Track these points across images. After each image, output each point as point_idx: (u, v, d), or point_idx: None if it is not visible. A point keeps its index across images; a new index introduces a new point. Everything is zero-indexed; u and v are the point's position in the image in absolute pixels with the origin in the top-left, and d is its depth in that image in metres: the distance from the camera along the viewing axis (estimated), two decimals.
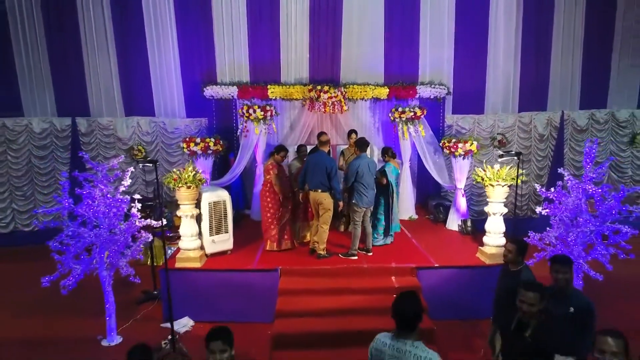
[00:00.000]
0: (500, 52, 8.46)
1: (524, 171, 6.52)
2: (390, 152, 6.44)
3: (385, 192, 6.15)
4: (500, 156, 5.32)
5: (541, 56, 8.57)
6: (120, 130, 8.28)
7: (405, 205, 7.78)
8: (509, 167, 5.62)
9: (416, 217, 7.83)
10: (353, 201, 5.69)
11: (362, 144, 5.69)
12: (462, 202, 7.02)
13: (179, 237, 5.76)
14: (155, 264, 6.37)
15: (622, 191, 4.71)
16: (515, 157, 5.10)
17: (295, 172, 6.32)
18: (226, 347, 2.48)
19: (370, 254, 5.88)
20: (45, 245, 4.65)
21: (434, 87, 8.20)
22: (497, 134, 8.62)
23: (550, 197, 4.99)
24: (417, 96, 8.14)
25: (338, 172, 5.86)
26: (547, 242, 4.98)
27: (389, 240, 6.29)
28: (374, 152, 7.80)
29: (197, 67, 8.29)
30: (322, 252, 5.74)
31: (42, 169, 8.33)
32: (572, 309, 3.13)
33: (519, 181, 5.35)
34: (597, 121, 8.83)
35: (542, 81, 8.66)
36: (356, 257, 5.73)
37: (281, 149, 6.04)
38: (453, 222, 7.08)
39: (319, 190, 5.60)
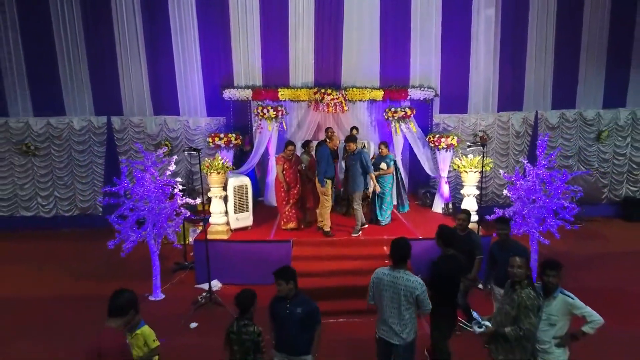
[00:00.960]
0: (482, 59, 9.64)
1: (492, 160, 7.69)
2: (385, 145, 7.61)
3: (390, 179, 7.34)
4: (469, 146, 6.54)
5: (517, 63, 9.76)
6: (149, 128, 9.49)
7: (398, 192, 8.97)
8: (480, 157, 6.83)
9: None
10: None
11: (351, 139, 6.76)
12: (445, 189, 8.22)
13: (201, 220, 6.94)
14: (185, 242, 7.61)
15: (564, 175, 5.91)
16: (481, 147, 6.31)
17: (307, 165, 7.40)
18: (290, 282, 3.43)
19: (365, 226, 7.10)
20: (83, 228, 5.81)
21: (423, 90, 9.39)
22: (479, 130, 9.82)
23: (511, 180, 6.21)
24: (409, 98, 9.33)
25: (325, 161, 6.74)
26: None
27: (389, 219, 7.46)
28: (371, 147, 9.01)
29: (216, 72, 9.46)
30: (327, 230, 6.91)
31: (80, 162, 9.54)
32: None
33: (487, 168, 6.57)
34: (567, 120, 10.04)
35: (518, 84, 9.85)
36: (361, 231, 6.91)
37: (289, 143, 7.08)
38: (437, 206, 8.29)
39: (316, 178, 6.79)
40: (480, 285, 5.51)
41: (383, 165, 7.25)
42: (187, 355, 4.83)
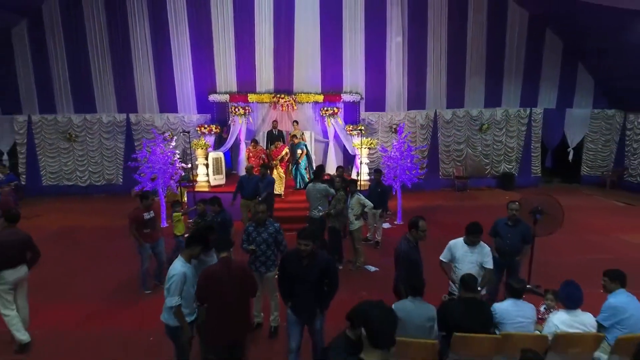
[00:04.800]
0: (394, 72, 13.37)
1: (376, 140, 11.57)
2: (295, 136, 11.24)
3: (305, 159, 11.07)
4: (360, 132, 10.36)
5: (420, 74, 13.52)
6: (156, 121, 13.27)
7: (333, 166, 12.73)
8: (370, 139, 10.62)
9: None
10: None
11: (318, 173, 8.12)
12: (358, 163, 11.96)
13: (193, 187, 10.69)
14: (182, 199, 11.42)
15: (410, 148, 9.71)
16: (362, 131, 10.15)
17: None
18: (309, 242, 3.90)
19: None
20: (108, 193, 9.63)
21: (352, 95, 13.15)
22: (393, 124, 13.59)
23: (386, 152, 10.03)
24: (342, 100, 13.08)
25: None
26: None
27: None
28: (312, 135, 12.77)
29: (204, 81, 13.20)
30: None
31: (107, 146, 13.35)
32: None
33: (373, 145, 10.40)
34: (458, 116, 13.84)
35: (421, 90, 13.63)
36: None
37: (253, 141, 10.85)
38: (353, 174, 12.08)
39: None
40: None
41: (299, 151, 10.91)
42: None
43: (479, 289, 4.20)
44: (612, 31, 11.34)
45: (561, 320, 3.89)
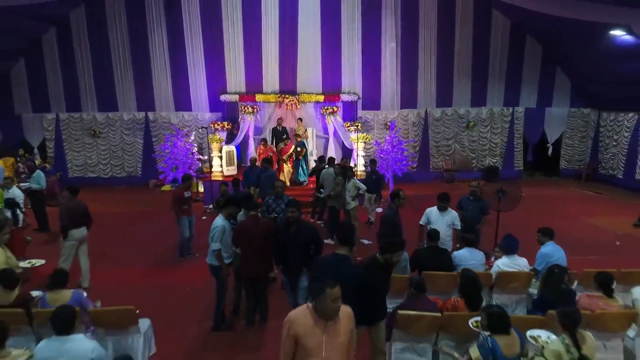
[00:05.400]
0: (388, 74, 14.71)
1: (372, 135, 12.92)
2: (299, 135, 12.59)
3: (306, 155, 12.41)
4: (356, 129, 11.70)
5: (412, 76, 14.85)
6: (172, 120, 14.60)
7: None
8: (365, 134, 11.97)
9: None
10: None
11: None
12: (355, 155, 13.30)
13: (207, 177, 12.04)
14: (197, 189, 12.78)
15: (400, 142, 11.06)
16: (359, 127, 11.50)
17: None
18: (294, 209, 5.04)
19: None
20: (128, 184, 11.09)
21: (350, 95, 14.47)
22: (388, 122, 14.91)
23: (381, 147, 11.37)
24: (341, 100, 14.41)
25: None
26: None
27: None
28: (313, 132, 14.08)
29: (216, 82, 14.49)
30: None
31: (128, 141, 14.69)
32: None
33: (368, 140, 11.75)
34: (447, 115, 15.18)
35: (413, 90, 14.96)
36: None
37: (263, 140, 12.22)
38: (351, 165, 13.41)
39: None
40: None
41: (299, 148, 12.24)
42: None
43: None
44: (584, 39, 12.66)
45: (502, 263, 5.25)
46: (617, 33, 11.03)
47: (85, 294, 4.30)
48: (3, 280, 3.99)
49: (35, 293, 4.49)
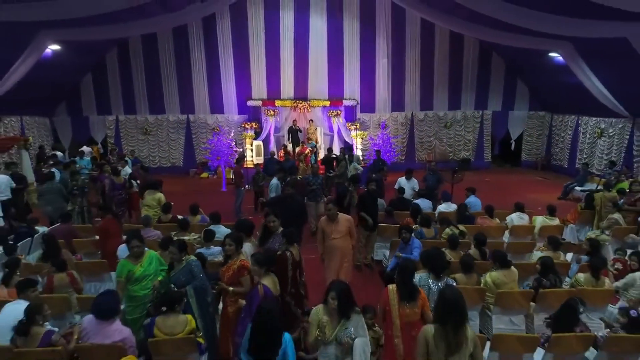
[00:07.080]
0: (381, 82, 18.26)
1: (367, 132, 16.55)
2: (310, 138, 16.25)
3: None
4: (355, 128, 15.33)
5: (400, 84, 18.39)
6: (208, 120, 18.20)
7: (336, 150, 17.64)
8: (364, 132, 15.59)
9: None
10: None
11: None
12: (354, 149, 16.89)
13: (243, 164, 15.65)
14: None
15: (389, 138, 14.67)
16: (358, 127, 15.14)
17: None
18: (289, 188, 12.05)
19: None
20: (172, 174, 14.77)
21: (350, 100, 18.06)
22: (381, 122, 18.50)
23: (374, 141, 15.00)
24: (343, 105, 17.99)
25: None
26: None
27: None
28: (321, 131, 17.65)
29: (243, 90, 18.07)
30: None
31: (173, 138, 18.29)
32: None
33: (364, 136, 15.39)
34: (429, 117, 18.79)
35: (401, 96, 18.55)
36: None
37: (283, 146, 15.84)
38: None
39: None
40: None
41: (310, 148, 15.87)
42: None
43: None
44: (535, 57, 16.21)
45: (442, 207, 8.87)
46: (553, 55, 14.60)
47: None
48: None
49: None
